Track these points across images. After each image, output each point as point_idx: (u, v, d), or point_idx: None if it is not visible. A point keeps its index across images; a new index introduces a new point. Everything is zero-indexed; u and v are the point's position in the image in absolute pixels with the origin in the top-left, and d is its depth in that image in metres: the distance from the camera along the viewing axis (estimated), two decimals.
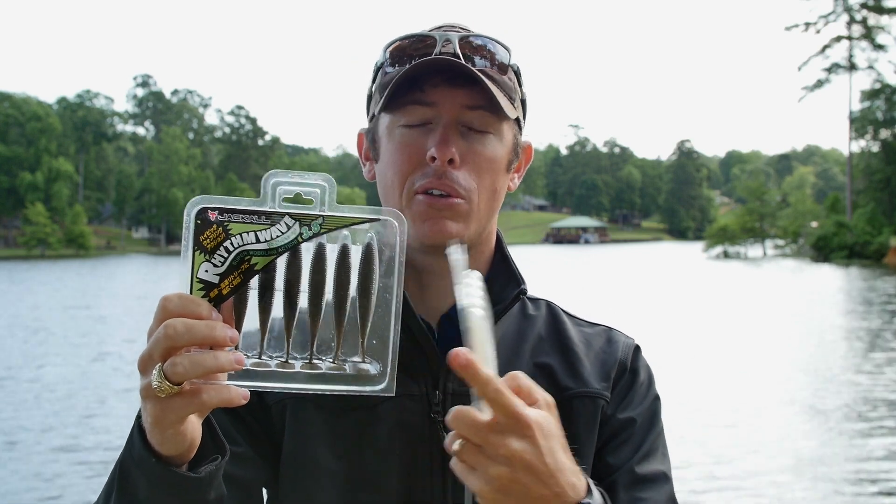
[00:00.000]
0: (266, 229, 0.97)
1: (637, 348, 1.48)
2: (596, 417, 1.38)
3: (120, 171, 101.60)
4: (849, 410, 11.20)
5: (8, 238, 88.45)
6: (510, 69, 1.37)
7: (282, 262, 0.98)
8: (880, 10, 63.92)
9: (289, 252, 0.98)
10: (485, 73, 1.31)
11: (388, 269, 1.01)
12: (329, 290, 1.00)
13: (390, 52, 1.34)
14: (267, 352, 1.01)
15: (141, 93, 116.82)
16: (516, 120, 1.39)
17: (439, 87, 1.30)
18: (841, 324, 20.75)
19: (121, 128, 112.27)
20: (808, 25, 66.43)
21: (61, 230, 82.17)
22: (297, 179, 0.99)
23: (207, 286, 0.96)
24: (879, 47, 64.41)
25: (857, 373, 13.90)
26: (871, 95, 64.03)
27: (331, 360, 1.01)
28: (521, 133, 1.44)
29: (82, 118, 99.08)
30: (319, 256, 0.99)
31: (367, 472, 1.31)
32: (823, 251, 55.09)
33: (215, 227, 0.96)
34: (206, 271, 0.96)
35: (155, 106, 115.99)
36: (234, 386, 0.96)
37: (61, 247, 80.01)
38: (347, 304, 1.00)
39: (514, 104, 1.36)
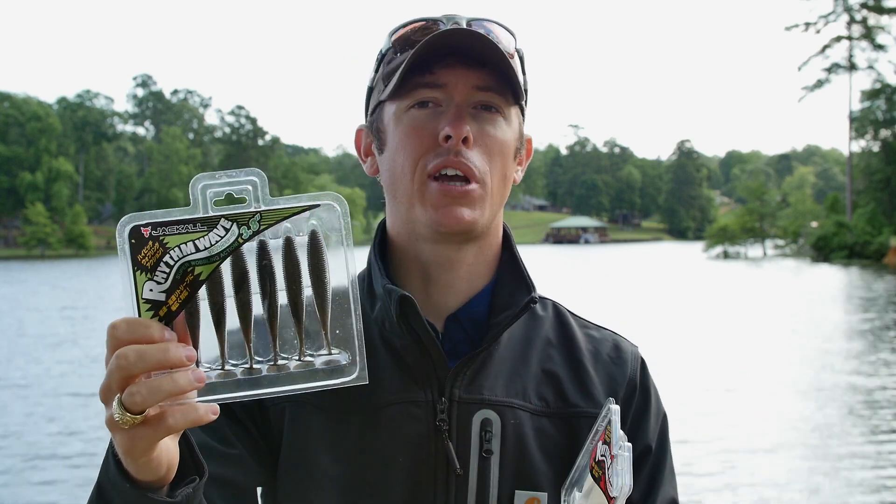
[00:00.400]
0: (203, 236, 0.93)
1: (643, 361, 1.46)
2: None
3: (120, 171, 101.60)
4: (849, 411, 11.21)
5: (8, 238, 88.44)
6: (515, 54, 1.34)
7: (226, 268, 0.95)
8: (880, 10, 63.89)
9: (232, 255, 0.94)
10: (494, 53, 1.29)
11: (337, 253, 0.98)
12: (281, 287, 0.97)
13: (396, 39, 1.31)
14: (229, 361, 0.98)
15: (141, 93, 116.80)
16: (520, 108, 1.37)
17: (449, 66, 1.27)
18: (841, 324, 20.76)
19: (121, 128, 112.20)
20: (808, 25, 66.41)
21: (61, 230, 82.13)
22: (225, 179, 0.95)
23: (155, 305, 0.92)
24: (879, 47, 64.39)
25: (857, 373, 13.90)
26: (871, 95, 64.00)
27: (297, 358, 0.98)
28: (524, 121, 1.41)
29: (82, 118, 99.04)
30: (264, 254, 0.96)
31: (368, 478, 1.28)
32: (823, 251, 55.07)
33: (151, 243, 0.92)
34: (151, 290, 0.92)
35: (155, 106, 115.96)
36: (201, 404, 0.92)
37: (61, 247, 79.98)
38: (303, 298, 0.97)
39: (520, 89, 1.34)
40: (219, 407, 0.93)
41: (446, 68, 1.28)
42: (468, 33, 1.26)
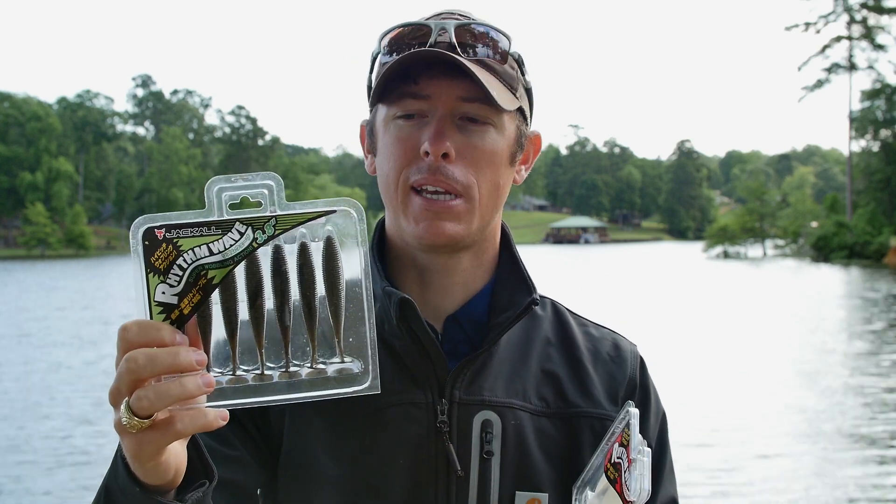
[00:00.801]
0: (218, 240, 0.92)
1: (643, 360, 1.46)
2: (603, 440, 1.36)
3: (120, 171, 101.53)
4: (850, 411, 11.20)
5: (8, 238, 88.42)
6: (510, 57, 1.31)
7: (240, 272, 0.94)
8: (880, 10, 63.87)
9: (246, 260, 0.93)
10: (483, 63, 1.27)
11: (351, 261, 0.96)
12: (295, 293, 0.96)
13: (385, 41, 1.30)
14: (241, 366, 0.96)
15: (141, 93, 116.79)
16: (519, 110, 1.33)
17: (434, 78, 1.25)
18: (841, 324, 20.76)
19: (121, 128, 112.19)
20: (808, 25, 66.38)
21: (61, 230, 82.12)
22: (241, 183, 0.94)
23: (167, 308, 0.91)
24: (879, 47, 64.37)
25: (858, 374, 13.90)
26: (871, 95, 63.98)
27: (308, 366, 0.97)
28: (529, 122, 1.38)
29: (82, 118, 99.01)
30: (278, 259, 0.95)
31: (369, 479, 1.28)
32: (823, 251, 55.06)
33: (165, 245, 0.91)
34: (164, 293, 0.91)
35: (155, 106, 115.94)
36: (210, 409, 0.91)
37: (61, 247, 79.98)
38: (316, 304, 0.96)
39: (515, 94, 1.31)
40: (228, 413, 0.92)
41: (431, 79, 1.25)
42: (452, 47, 1.25)
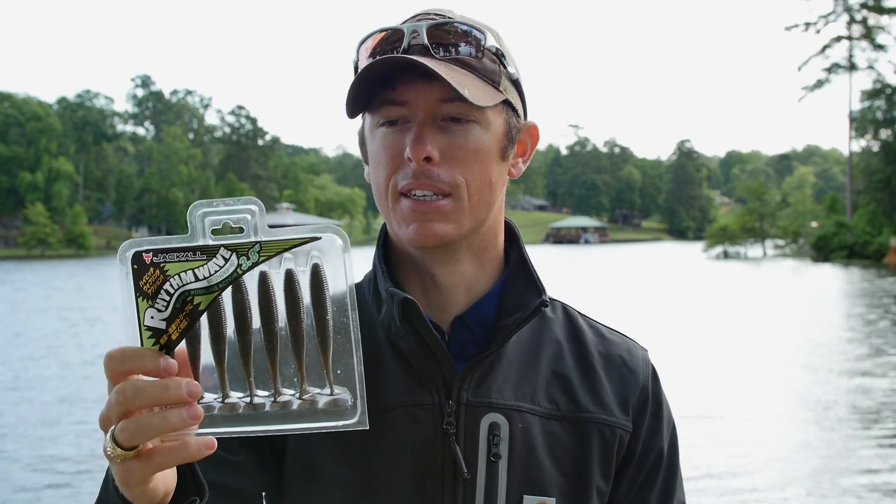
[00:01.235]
0: (203, 265, 0.91)
1: (654, 369, 1.46)
2: (613, 448, 1.36)
3: (120, 171, 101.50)
4: (850, 412, 11.20)
5: (8, 238, 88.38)
6: (488, 52, 1.28)
7: (226, 299, 0.92)
8: (880, 10, 63.83)
9: (232, 286, 0.92)
10: (459, 61, 1.25)
11: (338, 290, 0.94)
12: (281, 321, 0.94)
13: (361, 50, 1.30)
14: (230, 394, 0.95)
15: (141, 93, 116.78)
16: (506, 102, 1.31)
17: (411, 83, 1.24)
18: (842, 324, 20.74)
19: (121, 128, 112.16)
20: (808, 25, 66.35)
21: (61, 230, 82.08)
22: (223, 208, 0.93)
23: (156, 333, 0.91)
24: (879, 47, 64.34)
25: (858, 374, 13.89)
26: (871, 95, 63.94)
27: (298, 396, 0.95)
28: (523, 114, 1.37)
29: (82, 118, 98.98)
30: (264, 286, 0.93)
31: (375, 482, 1.27)
32: (823, 251, 55.03)
33: (152, 269, 0.91)
34: (152, 317, 0.91)
35: (155, 106, 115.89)
36: (193, 441, 0.89)
37: (61, 247, 79.94)
38: (303, 333, 0.94)
39: (498, 87, 1.29)
40: (216, 442, 0.90)
41: (408, 83, 1.24)
42: (426, 49, 1.25)
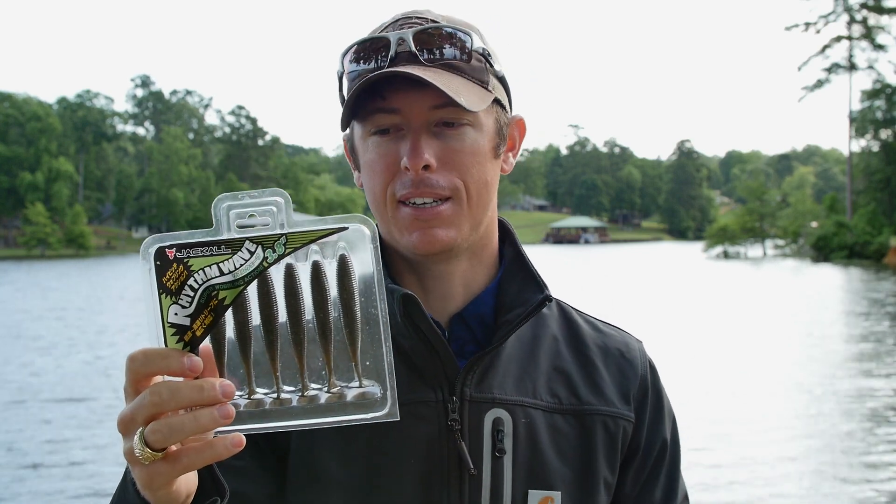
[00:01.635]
0: (228, 259, 0.90)
1: (652, 361, 1.48)
2: (617, 439, 1.37)
3: (120, 171, 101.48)
4: (851, 413, 11.19)
5: (8, 238, 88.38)
6: (475, 53, 1.29)
7: (252, 292, 0.91)
8: (880, 10, 63.83)
9: (257, 280, 0.91)
10: (447, 65, 1.26)
11: (367, 280, 0.93)
12: (308, 313, 0.93)
13: (346, 60, 1.30)
14: (256, 389, 0.94)
15: (141, 93, 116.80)
16: (495, 101, 1.32)
17: (401, 91, 1.24)
18: (842, 324, 20.74)
19: (121, 128, 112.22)
20: (808, 25, 66.35)
21: (61, 230, 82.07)
22: (248, 200, 0.92)
23: (180, 330, 0.89)
24: (879, 47, 64.33)
25: (858, 374, 13.88)
26: (871, 95, 63.94)
27: (326, 389, 0.94)
28: (509, 109, 1.38)
29: (82, 118, 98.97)
30: (291, 278, 0.92)
31: (380, 481, 1.27)
32: (823, 251, 55.03)
33: (175, 265, 0.89)
34: (176, 314, 0.89)
35: (155, 106, 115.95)
36: (220, 440, 0.88)
37: (61, 247, 79.93)
38: (331, 325, 0.93)
39: (487, 87, 1.29)
40: (244, 438, 0.89)
41: (397, 91, 1.24)
42: (413, 56, 1.25)
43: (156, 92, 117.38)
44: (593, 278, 37.55)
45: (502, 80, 1.35)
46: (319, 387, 0.94)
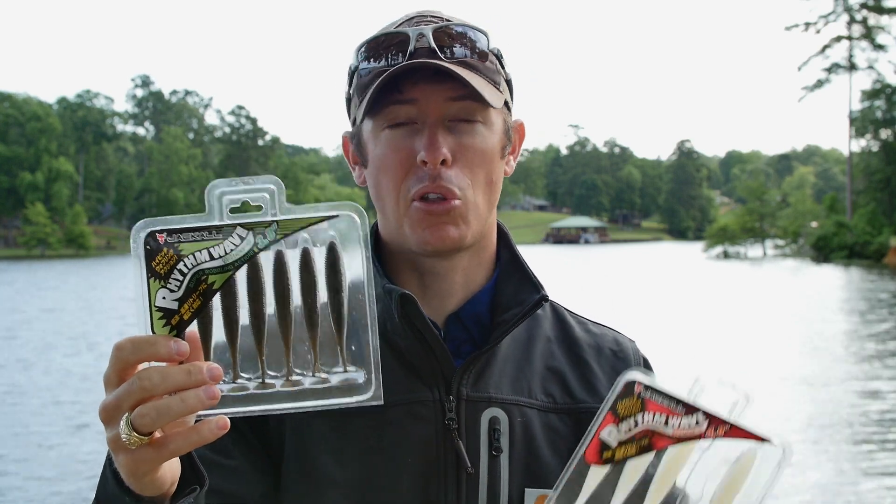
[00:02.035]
0: (219, 244, 0.91)
1: (645, 357, 1.48)
2: None
3: (120, 171, 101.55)
4: (852, 413, 11.19)
5: (8, 238, 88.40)
6: (490, 54, 1.31)
7: (241, 277, 0.92)
8: (880, 10, 63.88)
9: (247, 265, 0.92)
10: (464, 64, 1.27)
11: (356, 270, 0.95)
12: (296, 299, 0.94)
13: (363, 53, 1.30)
14: (241, 373, 0.95)
15: (141, 93, 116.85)
16: (504, 103, 1.34)
17: (419, 84, 1.25)
18: (842, 324, 20.75)
19: (121, 128, 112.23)
20: (808, 25, 66.40)
21: (61, 230, 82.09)
22: (242, 186, 0.93)
23: (167, 313, 0.90)
24: (879, 47, 64.38)
25: (858, 374, 13.89)
26: (871, 95, 63.99)
27: (310, 374, 0.95)
28: (511, 113, 1.39)
29: (82, 118, 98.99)
30: (280, 265, 0.93)
31: (377, 481, 1.27)
32: (823, 251, 55.06)
33: (166, 249, 0.90)
34: (164, 298, 0.90)
35: (155, 106, 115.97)
36: (205, 424, 0.89)
37: (61, 247, 79.97)
38: (318, 311, 0.95)
39: (499, 88, 1.32)
40: (228, 421, 0.90)
41: (415, 84, 1.25)
42: (433, 52, 1.25)
43: (156, 92, 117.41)
44: (593, 278, 37.55)
45: (509, 84, 1.37)
46: (304, 372, 0.95)
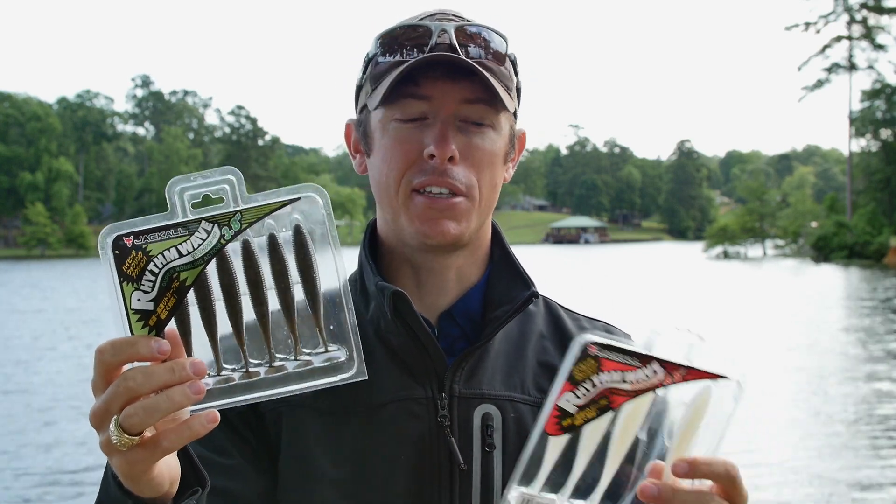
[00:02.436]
0: (186, 240, 0.91)
1: None
2: None
3: (120, 171, 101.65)
4: (852, 414, 11.18)
5: (8, 238, 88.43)
6: (507, 58, 1.32)
7: (212, 271, 0.93)
8: (880, 10, 63.90)
9: (216, 258, 0.92)
10: (482, 65, 1.26)
11: (324, 247, 0.96)
12: (269, 285, 0.95)
13: (382, 42, 1.30)
14: (224, 366, 0.96)
15: (141, 93, 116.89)
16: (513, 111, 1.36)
17: (436, 80, 1.26)
18: (842, 324, 20.73)
19: (121, 128, 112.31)
20: (808, 25, 66.41)
21: (61, 230, 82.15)
22: (201, 180, 0.94)
23: (144, 315, 0.91)
24: (879, 47, 64.39)
25: (858, 374, 13.88)
26: (871, 95, 64.02)
27: (293, 358, 0.96)
28: (517, 120, 1.40)
29: (82, 118, 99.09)
30: (248, 253, 0.94)
31: (371, 479, 1.27)
32: (823, 251, 55.06)
33: (134, 252, 0.90)
34: (139, 300, 0.90)
35: (155, 106, 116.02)
36: (195, 418, 0.89)
37: (61, 247, 79.99)
38: (293, 296, 0.95)
39: (510, 94, 1.32)
40: (218, 414, 0.90)
41: (432, 80, 1.26)
42: (453, 49, 1.26)
43: (156, 92, 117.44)
44: (593, 278, 37.53)
45: (518, 91, 1.37)
46: (286, 356, 0.96)
